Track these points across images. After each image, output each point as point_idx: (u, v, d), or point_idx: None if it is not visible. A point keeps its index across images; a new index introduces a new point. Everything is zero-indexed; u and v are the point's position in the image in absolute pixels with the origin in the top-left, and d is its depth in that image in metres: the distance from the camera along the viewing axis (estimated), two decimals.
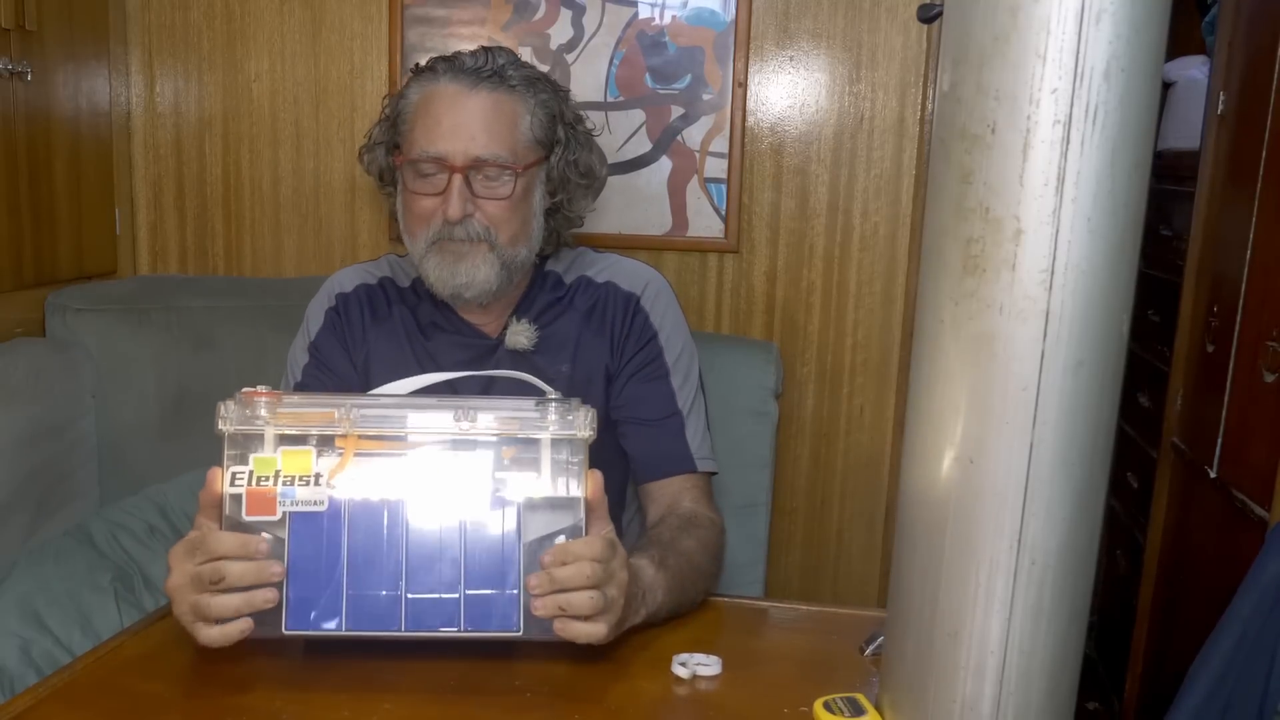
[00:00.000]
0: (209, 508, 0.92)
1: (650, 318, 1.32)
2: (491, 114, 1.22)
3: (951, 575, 0.79)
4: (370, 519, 0.92)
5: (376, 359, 1.32)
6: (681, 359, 1.33)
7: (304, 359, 1.32)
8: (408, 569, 0.92)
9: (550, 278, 1.35)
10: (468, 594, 0.92)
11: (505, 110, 1.23)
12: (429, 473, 0.95)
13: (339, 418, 0.93)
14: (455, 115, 1.21)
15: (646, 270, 1.36)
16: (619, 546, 0.96)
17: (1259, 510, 1.25)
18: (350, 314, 1.33)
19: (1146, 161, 0.74)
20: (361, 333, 1.33)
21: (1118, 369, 0.76)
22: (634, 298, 1.32)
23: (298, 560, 0.90)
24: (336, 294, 1.35)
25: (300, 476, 0.91)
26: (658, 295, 1.33)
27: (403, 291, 1.35)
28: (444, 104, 1.22)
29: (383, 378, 1.29)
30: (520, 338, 1.29)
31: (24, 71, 1.66)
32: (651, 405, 1.30)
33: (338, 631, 0.91)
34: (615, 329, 1.31)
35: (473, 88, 1.22)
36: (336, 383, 1.30)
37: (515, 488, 0.94)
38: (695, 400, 1.32)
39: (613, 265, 1.36)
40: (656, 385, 1.30)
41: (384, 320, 1.33)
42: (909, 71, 1.83)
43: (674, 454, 1.28)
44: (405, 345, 1.32)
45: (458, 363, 1.31)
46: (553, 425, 0.95)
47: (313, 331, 1.33)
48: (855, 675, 0.98)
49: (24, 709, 0.90)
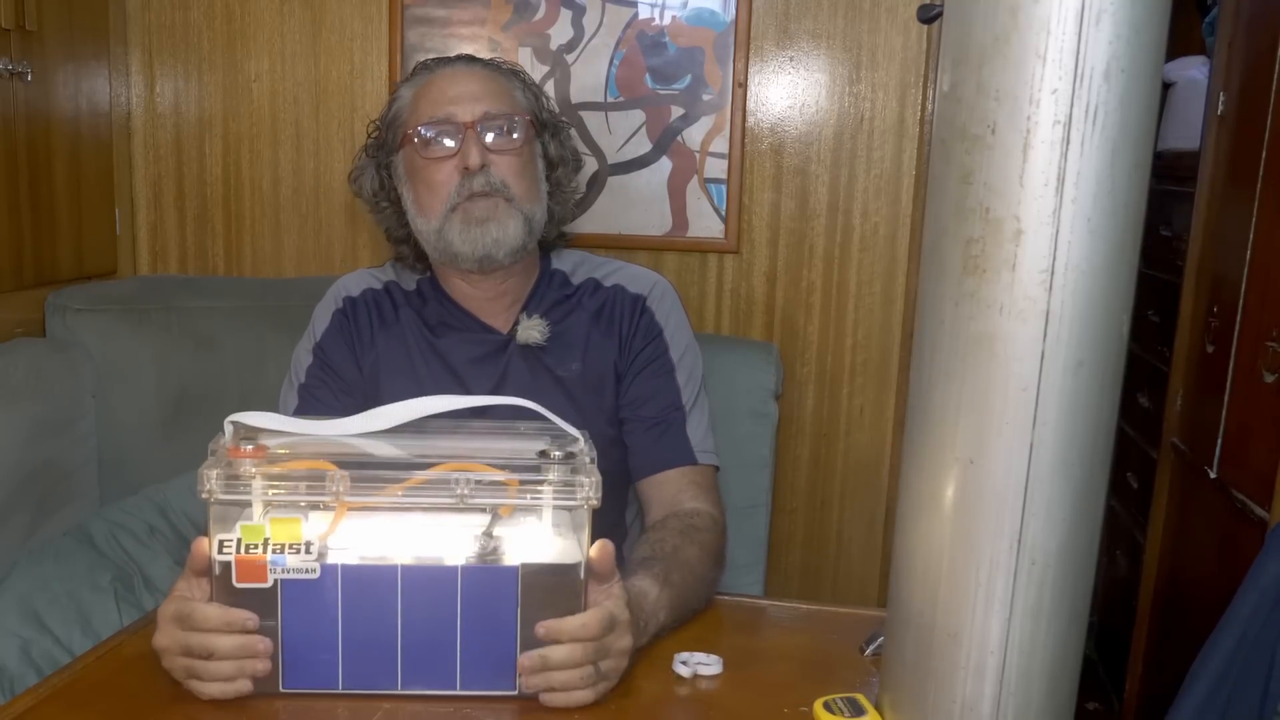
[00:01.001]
0: (195, 575, 0.90)
1: (656, 316, 1.34)
2: (490, 83, 1.29)
3: (951, 575, 0.79)
4: (364, 582, 0.90)
5: (385, 364, 1.31)
6: (686, 357, 1.34)
7: (308, 360, 1.32)
8: (403, 631, 0.90)
9: (557, 276, 1.36)
10: (464, 656, 0.91)
11: (501, 83, 1.30)
12: (423, 533, 0.93)
13: (328, 484, 0.89)
14: (458, 85, 1.27)
15: (652, 274, 1.38)
16: (621, 615, 0.93)
17: (1259, 510, 1.25)
18: (358, 318, 1.33)
19: (1146, 162, 0.74)
20: (370, 337, 1.32)
21: (1118, 369, 0.76)
22: (640, 298, 1.34)
23: (292, 624, 0.89)
24: (344, 297, 1.35)
25: (290, 545, 0.89)
26: (663, 296, 1.35)
27: (408, 294, 1.35)
28: (444, 81, 1.28)
29: (391, 382, 1.29)
30: (532, 332, 1.30)
31: (24, 72, 1.66)
32: (655, 401, 1.30)
33: (334, 690, 0.91)
34: (623, 328, 1.32)
35: (468, 66, 1.30)
36: (341, 386, 1.30)
37: (513, 545, 0.92)
38: (699, 398, 1.33)
39: (619, 270, 1.38)
40: (661, 381, 1.31)
41: (392, 325, 1.33)
42: (909, 72, 1.83)
43: (673, 448, 1.28)
44: (414, 348, 1.32)
45: (469, 360, 1.31)
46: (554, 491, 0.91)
47: (318, 333, 1.33)
48: (855, 675, 0.98)
49: (24, 709, 0.90)
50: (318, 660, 0.90)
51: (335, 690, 0.91)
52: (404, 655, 0.91)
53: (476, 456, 0.92)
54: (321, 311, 1.35)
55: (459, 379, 1.31)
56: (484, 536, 0.91)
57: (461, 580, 0.90)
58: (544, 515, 0.95)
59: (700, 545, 1.16)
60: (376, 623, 0.90)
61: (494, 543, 0.91)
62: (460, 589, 0.90)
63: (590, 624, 0.90)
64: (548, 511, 0.94)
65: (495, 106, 1.25)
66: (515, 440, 0.98)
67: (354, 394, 1.31)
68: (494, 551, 0.91)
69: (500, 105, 1.26)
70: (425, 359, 1.31)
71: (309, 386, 1.30)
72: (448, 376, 1.31)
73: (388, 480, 0.90)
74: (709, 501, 1.26)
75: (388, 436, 0.98)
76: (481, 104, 1.25)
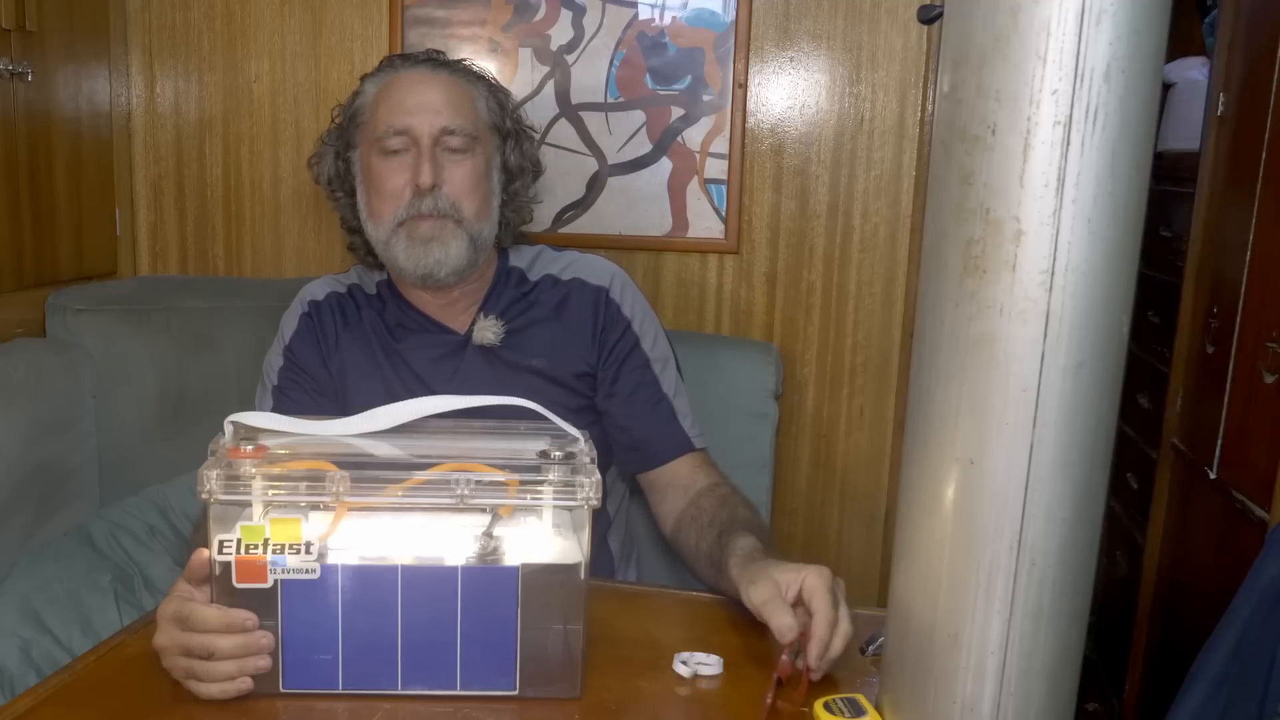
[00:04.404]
0: (197, 579, 0.91)
1: (622, 309, 1.35)
2: (453, 91, 1.28)
3: (951, 576, 0.79)
4: (364, 582, 0.90)
5: (350, 365, 1.33)
6: (657, 345, 1.36)
7: (279, 362, 1.33)
8: (403, 631, 0.90)
9: (514, 274, 1.37)
10: (464, 656, 0.91)
11: (464, 90, 1.30)
12: (423, 533, 0.93)
13: (328, 484, 0.89)
14: (419, 94, 1.27)
15: (609, 264, 1.39)
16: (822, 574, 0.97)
17: (1259, 511, 1.25)
18: (323, 320, 1.35)
19: (1147, 162, 0.74)
20: (335, 339, 1.34)
21: (1118, 370, 0.76)
22: (603, 290, 1.35)
23: (292, 624, 0.89)
24: (309, 301, 1.37)
25: (290, 545, 0.89)
26: (624, 286, 1.37)
27: (369, 297, 1.37)
28: (406, 85, 1.28)
29: (357, 384, 1.31)
30: (488, 333, 1.31)
31: (24, 72, 1.66)
32: (640, 396, 1.33)
33: (335, 690, 0.91)
34: (589, 324, 1.34)
35: (432, 71, 1.29)
36: (313, 385, 1.32)
37: (513, 545, 0.92)
38: (677, 383, 1.36)
39: (575, 262, 1.39)
40: (640, 374, 1.34)
41: (355, 326, 1.35)
42: (909, 73, 1.83)
43: (672, 438, 1.32)
44: (377, 349, 1.34)
45: (428, 360, 1.32)
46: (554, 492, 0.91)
47: (287, 336, 1.35)
48: (855, 675, 0.98)
49: (24, 709, 0.90)
50: (317, 660, 0.90)
51: (335, 690, 0.91)
52: (404, 655, 0.91)
53: (476, 457, 0.92)
54: (289, 317, 1.37)
55: (421, 380, 1.32)
56: (484, 536, 0.91)
57: (462, 580, 0.90)
58: (544, 515, 0.95)
59: (750, 508, 1.23)
60: (377, 623, 0.90)
61: (494, 543, 0.91)
62: (460, 589, 0.90)
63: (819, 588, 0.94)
64: (548, 511, 0.94)
65: (454, 120, 1.26)
66: (515, 440, 0.98)
67: (326, 394, 1.32)
68: (494, 551, 0.91)
69: (459, 119, 1.26)
70: (389, 359, 1.33)
71: (282, 388, 1.32)
72: (410, 377, 1.32)
73: (387, 480, 0.90)
74: (720, 477, 1.31)
75: (387, 437, 0.98)
76: (441, 117, 1.25)
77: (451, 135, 1.25)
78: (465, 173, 1.26)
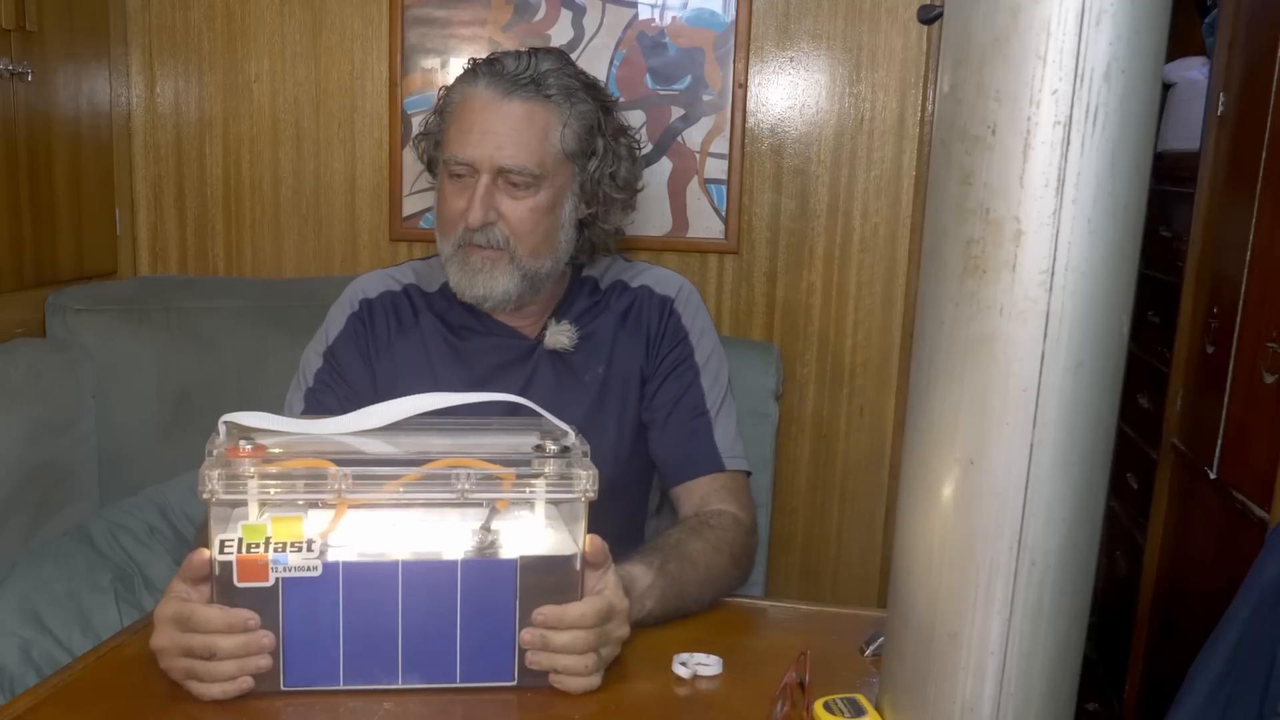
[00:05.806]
0: (194, 578, 0.90)
1: (683, 319, 1.33)
2: (522, 123, 1.21)
3: (951, 575, 0.79)
4: (365, 578, 0.90)
5: (401, 368, 1.30)
6: (711, 361, 1.33)
7: (318, 363, 1.30)
8: (403, 625, 0.91)
9: (588, 283, 1.35)
10: (463, 648, 0.92)
11: (537, 121, 1.22)
12: (422, 529, 0.93)
13: (329, 482, 0.89)
14: (485, 122, 1.21)
15: (678, 277, 1.37)
16: (619, 604, 0.95)
17: (1259, 511, 1.25)
18: (375, 321, 1.32)
19: (1147, 162, 0.74)
20: (386, 341, 1.31)
21: (1118, 370, 0.76)
22: (669, 300, 1.34)
23: (292, 622, 0.90)
24: (360, 299, 1.33)
25: (292, 543, 0.89)
26: (689, 299, 1.35)
27: (430, 297, 1.33)
28: (476, 110, 1.22)
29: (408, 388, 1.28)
30: (561, 338, 1.29)
31: (24, 72, 1.66)
32: (681, 406, 1.30)
33: (336, 686, 0.91)
34: (651, 330, 1.32)
35: (506, 95, 1.21)
36: (348, 393, 1.28)
37: (510, 538, 0.93)
38: (725, 402, 1.32)
39: (646, 271, 1.37)
40: (687, 385, 1.31)
41: (410, 329, 1.32)
42: (909, 73, 1.83)
43: (702, 455, 1.28)
44: (434, 352, 1.31)
45: (495, 365, 1.30)
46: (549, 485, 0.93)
47: (331, 336, 1.32)
48: (855, 675, 0.98)
49: (24, 709, 0.90)
50: (318, 658, 0.90)
51: (336, 687, 0.91)
52: (404, 649, 0.91)
53: (472, 452, 0.93)
54: (336, 313, 1.33)
55: (481, 384, 1.28)
56: (482, 530, 0.92)
57: (461, 574, 0.91)
58: (536, 509, 0.96)
59: (709, 541, 1.15)
60: (377, 618, 0.90)
61: (492, 536, 0.92)
62: (460, 582, 0.91)
63: (589, 613, 0.92)
64: (540, 505, 0.96)
65: (516, 160, 1.20)
66: (509, 435, 0.98)
67: (360, 401, 1.29)
68: (492, 545, 0.92)
69: (520, 157, 1.20)
70: (445, 363, 1.30)
71: (315, 391, 1.29)
72: (470, 381, 1.29)
73: (385, 478, 0.91)
74: (736, 504, 1.25)
75: (382, 434, 0.99)
76: (502, 153, 1.20)
77: (510, 174, 1.20)
78: (524, 210, 1.22)
